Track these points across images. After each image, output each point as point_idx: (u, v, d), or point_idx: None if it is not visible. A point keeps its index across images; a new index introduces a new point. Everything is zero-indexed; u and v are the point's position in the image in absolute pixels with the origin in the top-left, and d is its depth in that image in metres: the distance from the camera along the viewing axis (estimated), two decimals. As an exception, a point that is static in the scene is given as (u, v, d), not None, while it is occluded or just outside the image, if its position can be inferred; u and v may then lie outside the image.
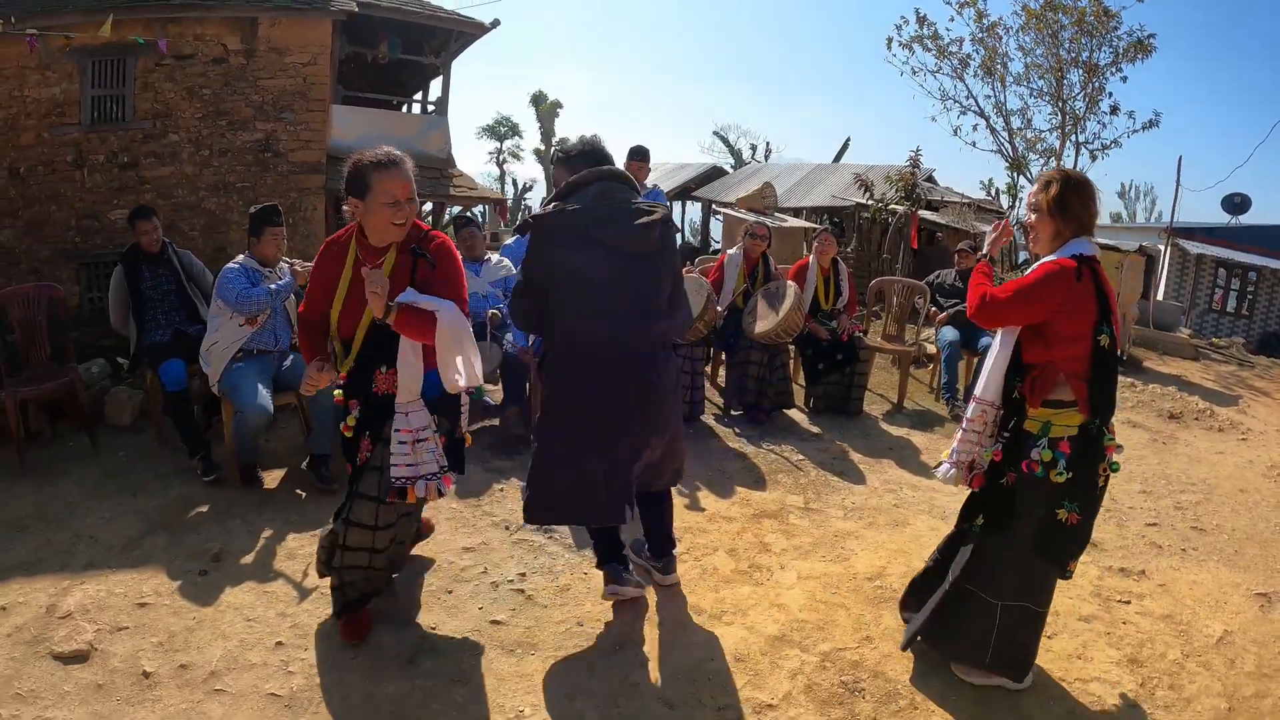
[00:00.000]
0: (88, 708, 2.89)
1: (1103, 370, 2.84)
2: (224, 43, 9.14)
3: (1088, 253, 2.90)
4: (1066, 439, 2.88)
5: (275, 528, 4.30)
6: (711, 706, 3.07)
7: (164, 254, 5.57)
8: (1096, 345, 2.83)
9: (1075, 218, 2.94)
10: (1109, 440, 2.91)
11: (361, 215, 3.11)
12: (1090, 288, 2.84)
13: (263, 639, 3.34)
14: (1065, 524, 2.90)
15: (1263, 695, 3.41)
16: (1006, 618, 3.07)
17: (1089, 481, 2.90)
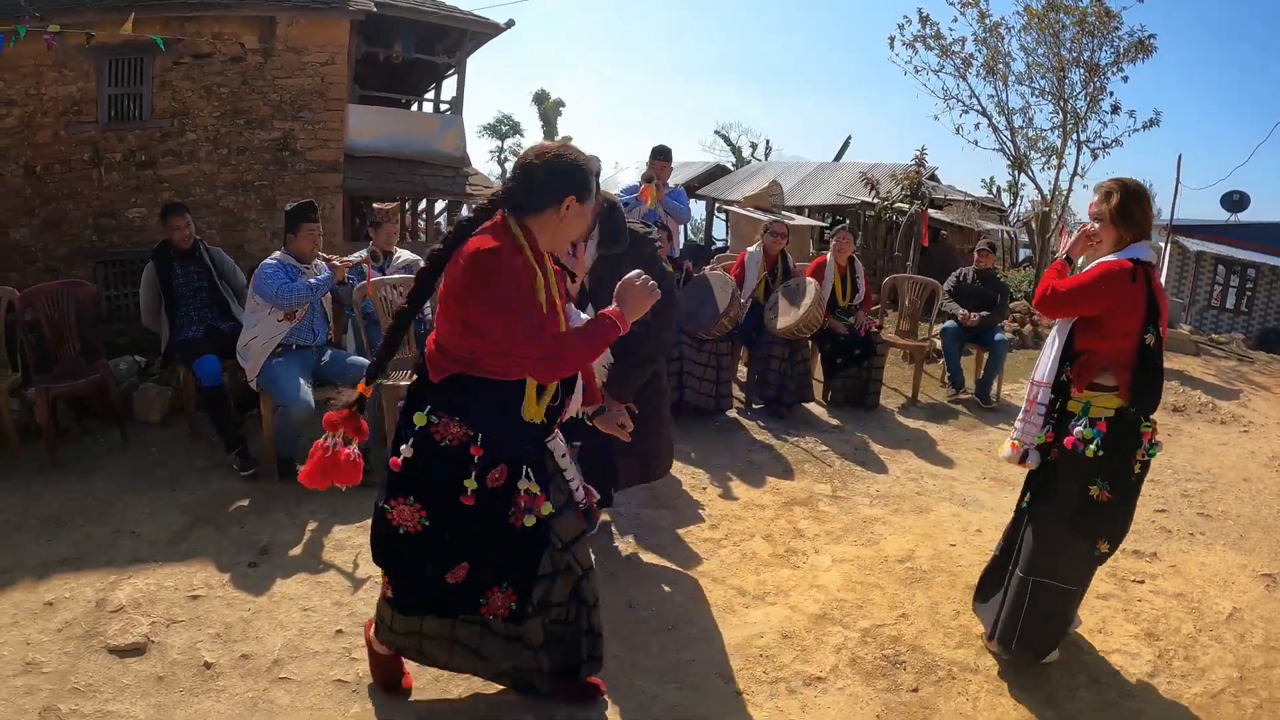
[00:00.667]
0: (150, 700, 2.92)
1: (1145, 363, 3.04)
2: (242, 41, 9.19)
3: (1144, 258, 3.10)
4: (1104, 419, 3.08)
5: (320, 520, 4.36)
6: (765, 679, 3.23)
7: (195, 251, 5.60)
8: (1142, 342, 3.05)
9: (1137, 224, 3.15)
10: (1146, 427, 3.09)
11: (565, 217, 2.60)
12: (1143, 289, 3.04)
13: (322, 627, 3.39)
14: (1096, 500, 3.09)
15: (1271, 666, 3.63)
16: (1035, 594, 3.24)
17: (1122, 463, 3.08)
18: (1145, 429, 3.11)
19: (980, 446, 6.53)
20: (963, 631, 3.68)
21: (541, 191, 2.56)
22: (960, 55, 14.82)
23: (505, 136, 41.97)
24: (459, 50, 11.67)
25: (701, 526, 4.62)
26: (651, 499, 4.68)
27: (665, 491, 4.99)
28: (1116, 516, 3.16)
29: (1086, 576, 3.31)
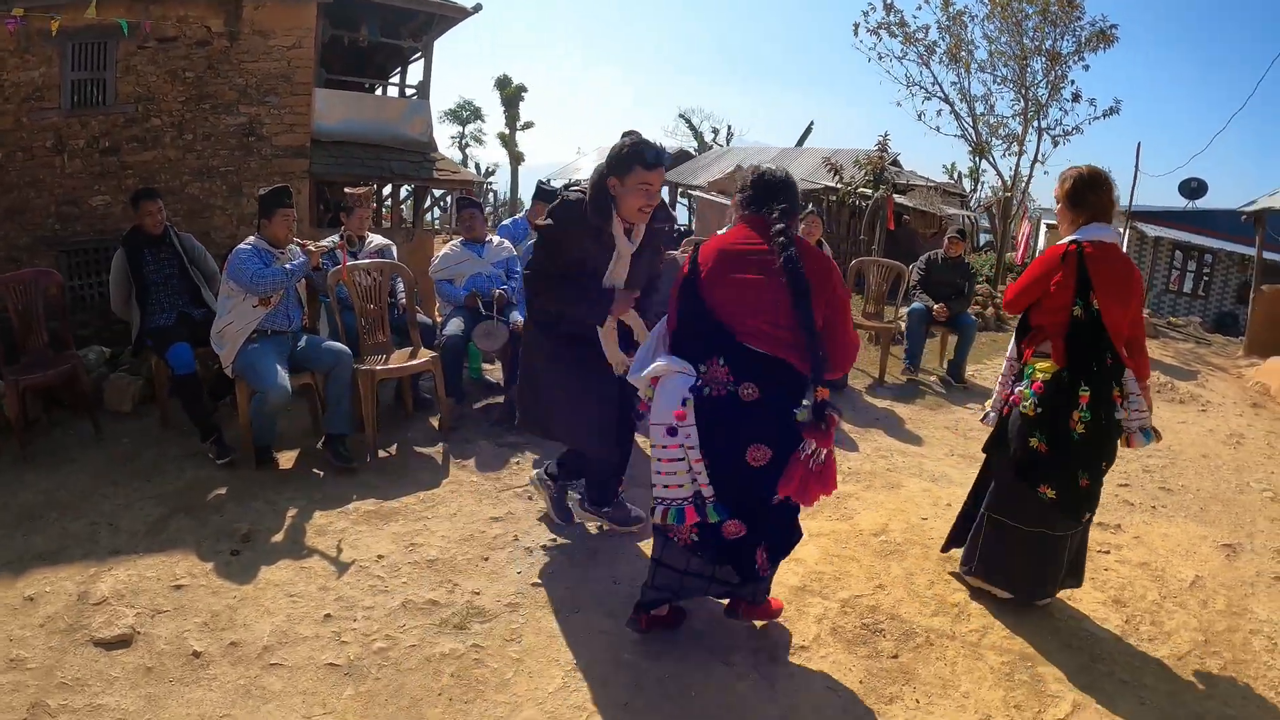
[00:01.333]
0: (141, 691, 2.91)
1: (1075, 333, 3.40)
2: (208, 25, 9.05)
3: (1095, 238, 3.43)
4: (1040, 381, 3.48)
5: (299, 506, 4.37)
6: (749, 649, 3.32)
7: (166, 237, 5.57)
8: (1072, 315, 3.41)
9: (1089, 208, 3.49)
10: (1084, 391, 3.38)
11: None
12: (1073, 269, 3.39)
13: (309, 613, 3.41)
14: (1037, 450, 3.47)
15: (1234, 630, 3.79)
16: (995, 528, 3.66)
17: (1058, 420, 3.43)
18: (1083, 393, 3.38)
19: (948, 425, 6.67)
20: (938, 600, 3.80)
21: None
22: (923, 42, 14.98)
23: (467, 122, 41.66)
24: (425, 34, 11.59)
25: (681, 504, 4.67)
26: (629, 477, 4.70)
27: (642, 470, 4.97)
28: (1057, 468, 3.45)
29: (1051, 521, 3.54)
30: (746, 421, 2.92)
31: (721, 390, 2.91)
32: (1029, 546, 3.59)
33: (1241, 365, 11.14)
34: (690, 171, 24.34)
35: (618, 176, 3.45)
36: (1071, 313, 3.40)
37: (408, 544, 4.02)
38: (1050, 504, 3.48)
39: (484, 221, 6.33)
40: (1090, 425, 3.39)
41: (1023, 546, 3.60)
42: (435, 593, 3.61)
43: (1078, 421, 3.40)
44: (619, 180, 3.45)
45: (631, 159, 3.40)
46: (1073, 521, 3.57)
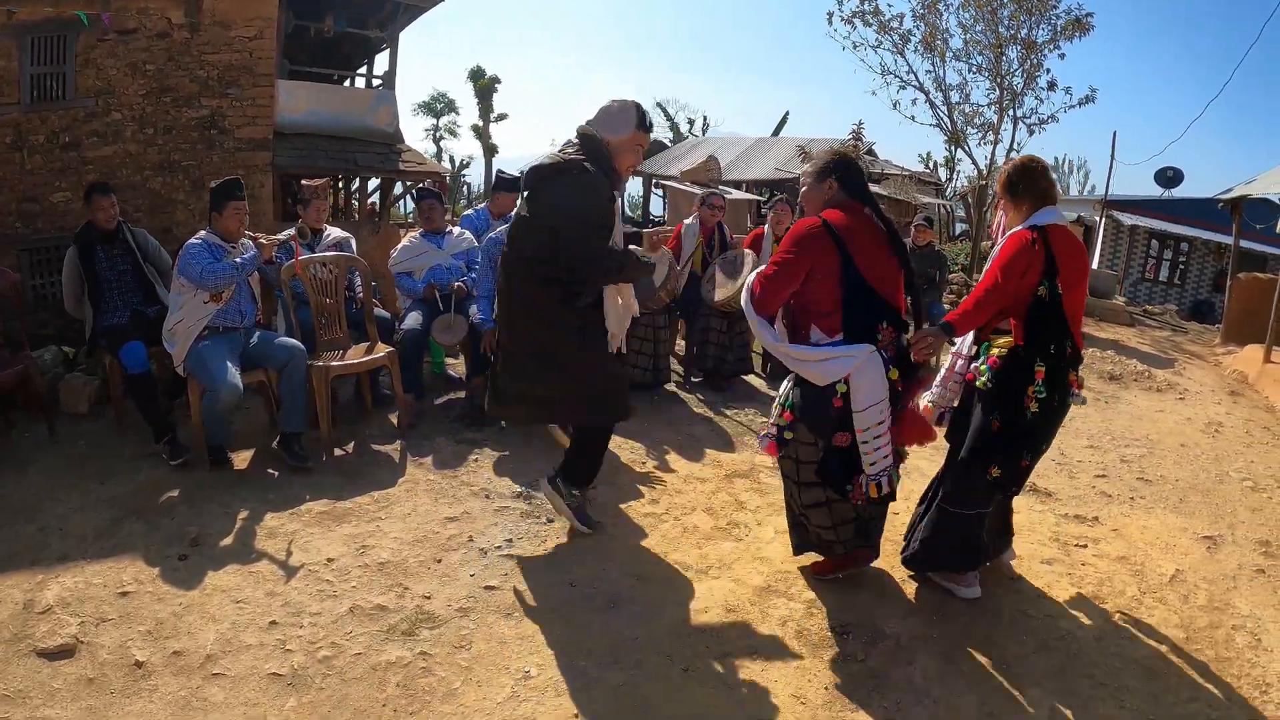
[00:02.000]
0: (81, 703, 2.81)
1: (1038, 312, 3.41)
2: (168, 16, 8.84)
3: (1045, 222, 3.46)
4: (997, 357, 3.48)
5: (251, 508, 4.25)
6: (710, 655, 3.18)
7: (119, 233, 5.42)
8: (1037, 295, 3.40)
9: (1027, 194, 3.52)
10: (1039, 367, 3.39)
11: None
12: (1042, 252, 3.39)
13: (255, 619, 3.29)
14: (991, 429, 3.43)
15: (1216, 626, 3.67)
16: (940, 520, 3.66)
17: (1013, 397, 3.41)
18: (1039, 368, 3.39)
19: (922, 417, 6.56)
20: (910, 602, 3.67)
21: None
22: (898, 31, 14.96)
23: (440, 114, 41.42)
24: (391, 24, 11.43)
25: (641, 501, 4.56)
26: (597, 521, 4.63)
27: (605, 468, 4.88)
28: (1009, 446, 3.44)
29: (984, 502, 3.60)
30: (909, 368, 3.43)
31: (891, 349, 3.36)
32: (965, 527, 3.62)
33: (1219, 353, 11.13)
34: (664, 162, 24.25)
35: (616, 134, 3.69)
36: (1037, 293, 3.41)
37: (359, 546, 3.88)
38: (993, 482, 3.50)
39: (444, 213, 6.19)
40: (1043, 404, 3.40)
41: (959, 528, 3.62)
42: (385, 597, 3.47)
43: (1031, 398, 3.40)
44: (616, 138, 3.69)
45: (631, 119, 3.70)
46: (1001, 499, 3.73)
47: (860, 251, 3.32)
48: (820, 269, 3.32)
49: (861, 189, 3.50)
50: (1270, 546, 4.54)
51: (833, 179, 3.48)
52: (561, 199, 3.62)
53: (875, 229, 3.44)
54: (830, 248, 3.30)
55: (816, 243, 3.33)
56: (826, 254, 3.31)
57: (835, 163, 3.52)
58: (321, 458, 4.87)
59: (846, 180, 3.48)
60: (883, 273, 3.38)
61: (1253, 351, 10.05)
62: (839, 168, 3.50)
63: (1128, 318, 13.24)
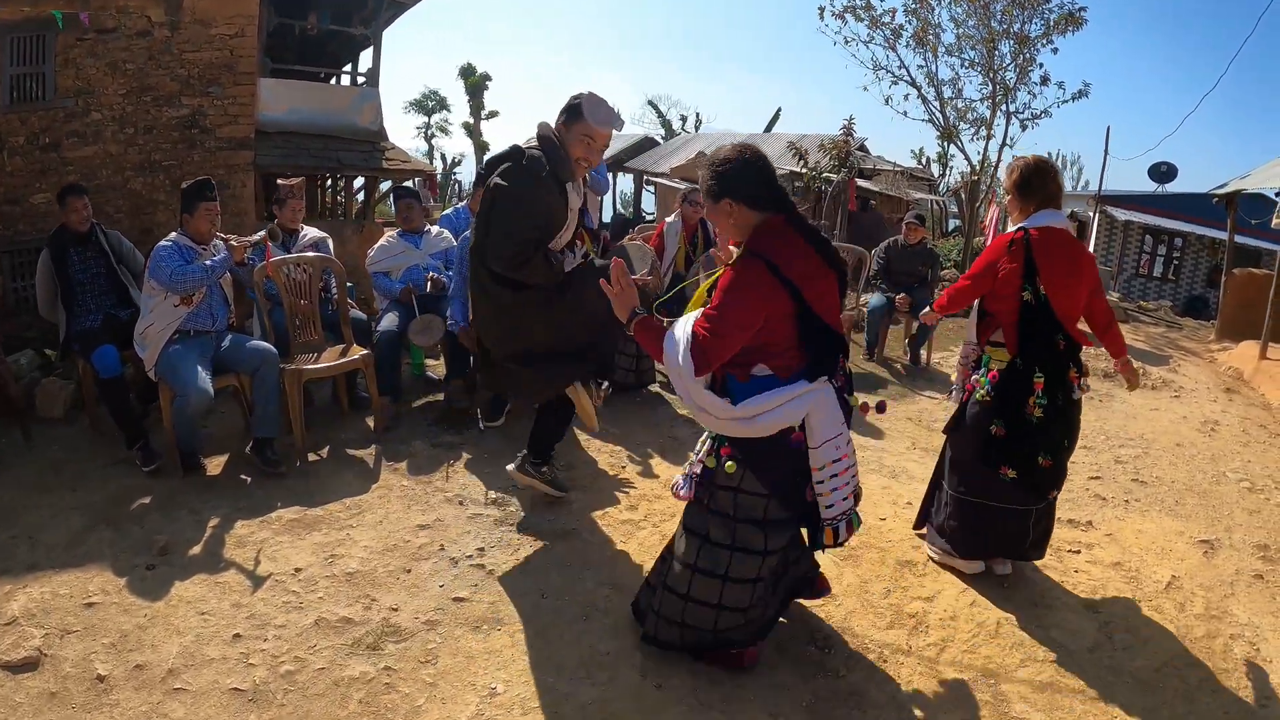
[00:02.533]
0: (43, 718, 2.76)
1: (1028, 319, 3.50)
2: (148, 15, 8.74)
3: (1043, 224, 3.53)
4: (996, 370, 3.61)
5: (222, 515, 4.15)
6: (685, 671, 3.07)
7: (92, 235, 5.32)
8: (1022, 300, 3.50)
9: (1036, 195, 3.57)
10: (1039, 378, 3.50)
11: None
12: (1020, 255, 3.49)
13: (219, 632, 3.22)
14: (995, 435, 3.59)
15: (1213, 636, 3.55)
16: (955, 506, 3.80)
17: (1015, 407, 3.54)
18: (1038, 379, 3.51)
19: (910, 416, 6.47)
20: (894, 611, 3.56)
21: None
22: (890, 26, 14.87)
23: (432, 112, 41.31)
24: (375, 21, 11.33)
25: (619, 508, 4.45)
26: (567, 480, 4.50)
27: (582, 472, 4.84)
28: (1016, 450, 3.56)
29: (1018, 499, 3.65)
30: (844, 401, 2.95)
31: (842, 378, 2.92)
32: (1000, 518, 3.69)
33: (1214, 349, 11.04)
34: (656, 159, 24.20)
35: (564, 123, 3.64)
36: (1022, 298, 3.50)
37: (328, 555, 3.78)
38: (1012, 483, 3.59)
39: (422, 212, 6.10)
40: (1047, 409, 3.51)
41: (993, 518, 3.69)
42: (351, 609, 3.37)
43: (1034, 407, 3.51)
44: (565, 126, 3.63)
45: (578, 109, 3.59)
46: (1037, 499, 3.66)
47: (807, 281, 2.73)
48: (775, 318, 2.72)
49: (771, 198, 2.80)
50: (1269, 550, 4.43)
51: (728, 201, 2.79)
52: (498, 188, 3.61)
53: (806, 248, 2.79)
54: (780, 291, 2.69)
55: (763, 290, 2.69)
56: (776, 300, 2.70)
57: (720, 180, 2.80)
58: (295, 463, 4.77)
59: (745, 194, 2.78)
60: (830, 301, 2.84)
61: (1248, 348, 9.96)
62: (726, 186, 2.79)
63: (1122, 314, 13.16)
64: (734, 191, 2.77)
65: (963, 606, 3.61)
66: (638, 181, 25.82)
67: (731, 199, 2.77)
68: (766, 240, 2.75)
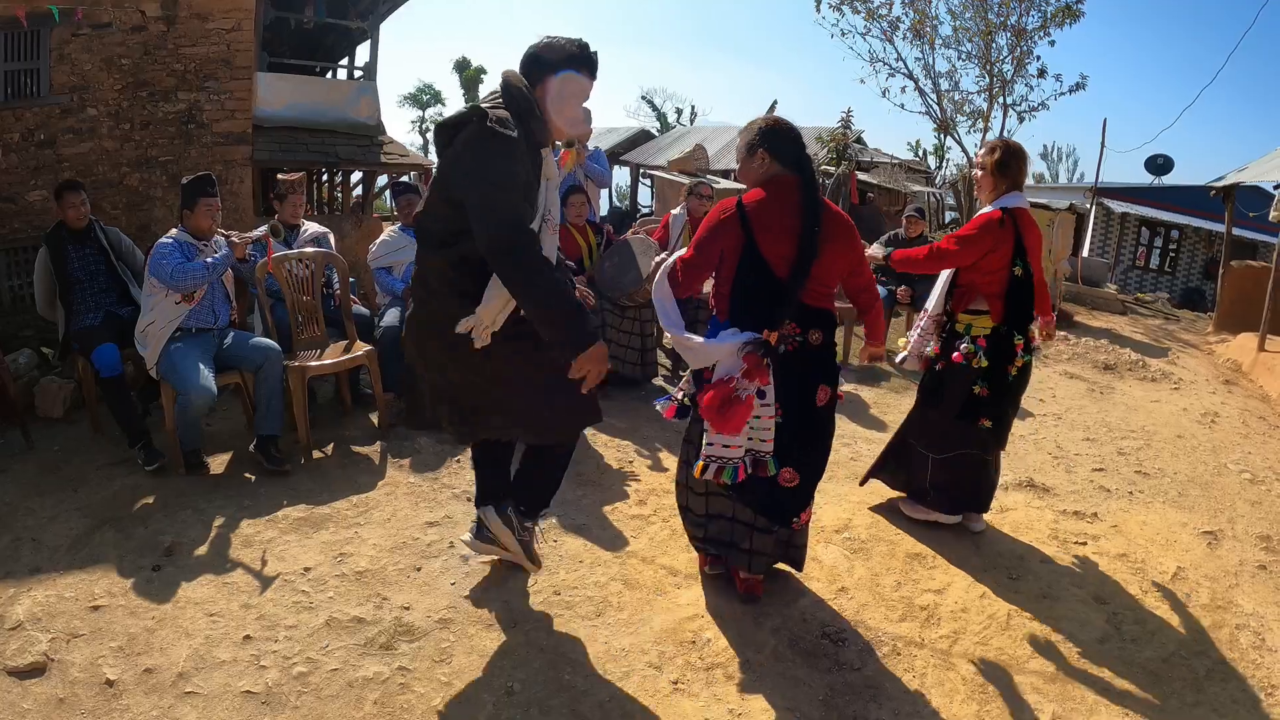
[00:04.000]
0: None
1: (1016, 291, 3.87)
2: (143, 9, 8.67)
3: (1013, 205, 3.87)
4: (984, 336, 3.91)
5: (227, 515, 4.11)
6: (700, 666, 3.07)
7: (90, 231, 5.27)
8: (1012, 274, 3.86)
9: (1011, 177, 3.91)
10: (1018, 339, 3.90)
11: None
12: (1011, 232, 3.82)
13: (229, 634, 3.18)
14: (978, 395, 3.92)
15: (1219, 626, 3.58)
16: (939, 467, 4.11)
17: (999, 368, 3.90)
18: (1017, 341, 3.90)
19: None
20: (905, 603, 3.56)
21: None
22: (887, 18, 14.81)
23: (427, 106, 41.17)
24: (372, 14, 11.28)
25: (628, 503, 4.43)
26: (574, 476, 4.48)
27: (589, 468, 4.81)
28: (995, 404, 3.95)
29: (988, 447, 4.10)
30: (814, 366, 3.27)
31: (792, 345, 3.20)
32: (974, 467, 4.10)
33: (1212, 341, 11.07)
34: (652, 152, 24.15)
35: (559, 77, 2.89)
36: (1012, 272, 3.85)
37: (337, 554, 3.76)
38: (988, 433, 3.99)
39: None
40: (1022, 369, 3.98)
41: (969, 468, 4.09)
42: (362, 608, 3.34)
43: (1014, 367, 3.92)
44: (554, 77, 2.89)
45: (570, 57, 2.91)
46: (997, 448, 4.17)
47: (766, 231, 3.11)
48: (728, 251, 3.19)
49: (796, 157, 3.24)
50: (1271, 541, 4.45)
51: (762, 150, 3.23)
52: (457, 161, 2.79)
53: (795, 209, 3.12)
54: (736, 228, 3.13)
55: (724, 224, 3.17)
56: (730, 235, 3.15)
57: (763, 133, 3.25)
58: (299, 461, 4.74)
59: (777, 150, 3.23)
60: (789, 262, 3.09)
61: (1246, 340, 9.98)
62: (766, 138, 3.24)
63: (1120, 306, 13.18)
64: (768, 144, 3.24)
65: (973, 599, 3.62)
66: (634, 175, 25.74)
67: (766, 149, 3.24)
68: (758, 191, 3.21)
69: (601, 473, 4.80)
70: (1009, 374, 3.91)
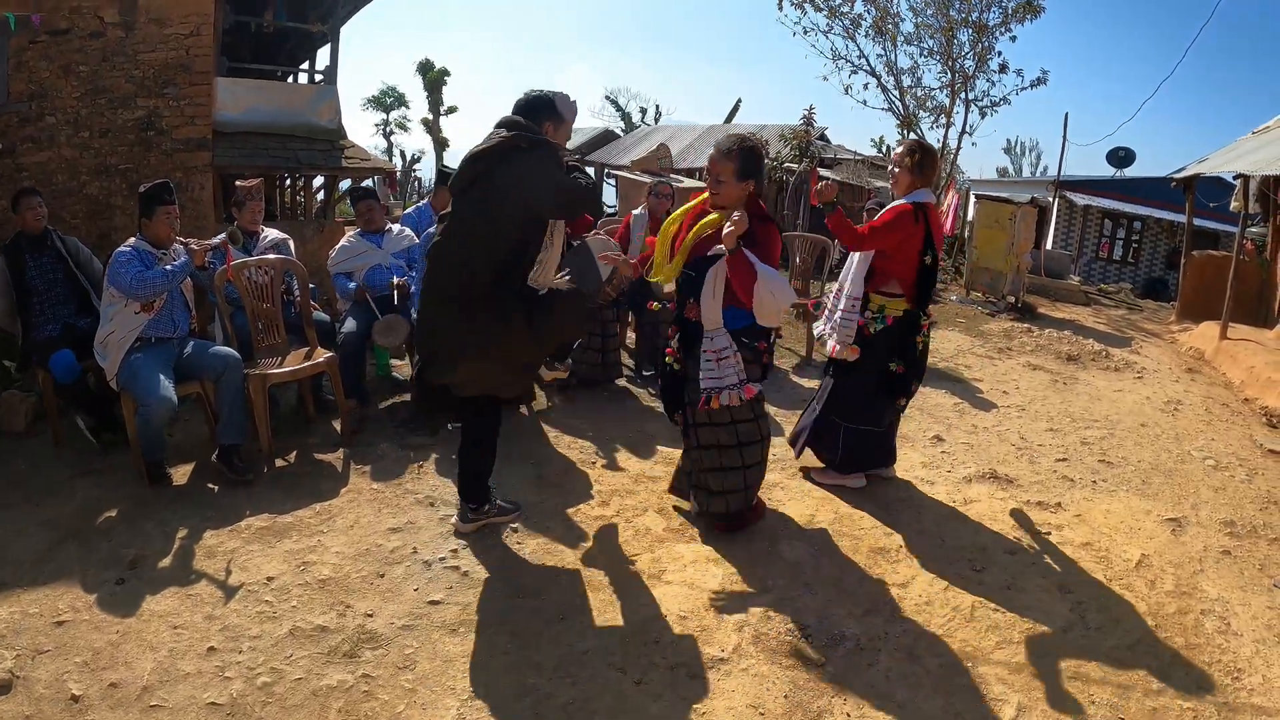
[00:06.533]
0: None
1: (926, 278, 4.29)
2: (101, 15, 8.54)
3: (924, 200, 4.27)
4: (893, 317, 4.34)
5: (191, 526, 4.07)
6: (663, 666, 3.07)
7: (47, 239, 5.20)
8: (923, 262, 4.28)
9: (925, 176, 4.34)
10: (924, 319, 4.38)
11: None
12: (922, 225, 4.23)
13: (193, 645, 3.16)
14: (895, 372, 4.39)
15: (1184, 612, 3.61)
16: (851, 436, 4.52)
17: (909, 346, 4.37)
18: (923, 320, 4.38)
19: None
20: (870, 598, 3.58)
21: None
22: (849, 15, 14.90)
23: (390, 109, 40.89)
24: (332, 17, 11.16)
25: (591, 504, 4.43)
26: (537, 478, 4.49)
27: (552, 469, 4.80)
28: (908, 381, 4.48)
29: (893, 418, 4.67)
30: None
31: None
32: (879, 440, 4.63)
33: (1174, 330, 11.21)
34: (616, 151, 24.16)
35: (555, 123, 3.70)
36: (924, 261, 4.26)
37: (300, 563, 3.73)
38: (899, 408, 4.62)
39: (382, 211, 6.04)
40: (925, 344, 4.49)
41: (876, 441, 4.60)
42: (326, 617, 3.33)
43: (919, 343, 4.40)
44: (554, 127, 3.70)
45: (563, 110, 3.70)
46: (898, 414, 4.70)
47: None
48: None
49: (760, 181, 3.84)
50: (1235, 527, 4.51)
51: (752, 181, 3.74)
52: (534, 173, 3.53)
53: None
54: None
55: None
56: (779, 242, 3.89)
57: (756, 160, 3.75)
58: (262, 469, 4.70)
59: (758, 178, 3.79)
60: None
61: (1208, 328, 10.10)
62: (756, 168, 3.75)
63: (1083, 297, 13.31)
64: (756, 174, 3.74)
65: (937, 591, 3.65)
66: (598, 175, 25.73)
67: (754, 180, 3.74)
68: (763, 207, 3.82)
69: (564, 474, 4.79)
70: (918, 348, 4.40)
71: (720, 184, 3.74)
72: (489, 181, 3.53)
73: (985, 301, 11.62)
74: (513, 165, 3.51)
